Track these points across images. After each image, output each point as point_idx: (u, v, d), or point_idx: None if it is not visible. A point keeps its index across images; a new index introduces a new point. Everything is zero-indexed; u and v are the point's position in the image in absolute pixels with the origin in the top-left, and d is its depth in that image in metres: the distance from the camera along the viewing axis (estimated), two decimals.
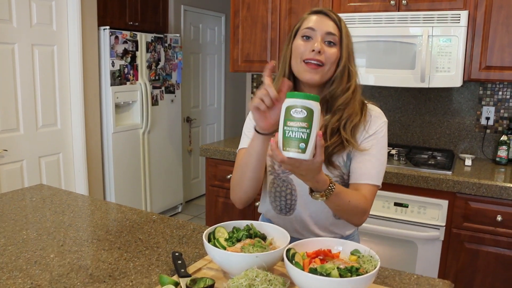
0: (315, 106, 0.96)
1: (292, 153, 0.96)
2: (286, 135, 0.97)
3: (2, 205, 1.71)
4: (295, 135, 0.96)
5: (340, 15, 1.32)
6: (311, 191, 1.12)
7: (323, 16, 1.27)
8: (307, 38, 1.25)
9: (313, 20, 1.26)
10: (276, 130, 1.01)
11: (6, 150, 2.99)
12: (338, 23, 1.26)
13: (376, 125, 1.30)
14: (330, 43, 1.25)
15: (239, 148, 1.40)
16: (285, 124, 0.97)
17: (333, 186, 1.10)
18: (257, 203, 2.66)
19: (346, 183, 1.31)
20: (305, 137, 0.96)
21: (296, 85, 1.33)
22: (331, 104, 1.28)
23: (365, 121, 1.30)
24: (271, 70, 1.08)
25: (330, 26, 1.25)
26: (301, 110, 0.95)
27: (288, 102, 0.98)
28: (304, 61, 1.24)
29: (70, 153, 3.48)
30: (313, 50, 1.22)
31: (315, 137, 0.97)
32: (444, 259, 2.31)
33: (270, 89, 1.06)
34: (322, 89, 1.30)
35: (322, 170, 1.06)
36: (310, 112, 0.96)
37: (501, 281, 2.20)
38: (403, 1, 2.48)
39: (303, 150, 0.96)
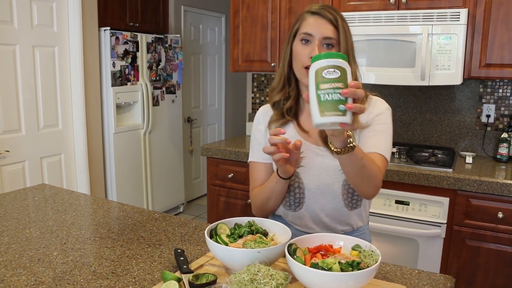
0: (347, 64, 0.91)
1: (333, 117, 0.89)
2: (322, 99, 0.89)
3: (5, 205, 1.72)
4: (332, 97, 0.88)
5: None
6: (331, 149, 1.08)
7: (320, 18, 1.27)
8: (306, 41, 1.28)
9: (310, 24, 1.28)
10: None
11: (8, 151, 3.00)
12: (336, 23, 1.27)
13: (378, 109, 1.33)
14: (329, 46, 1.27)
15: (250, 160, 1.45)
16: (318, 89, 0.90)
17: (353, 143, 1.05)
18: None
19: None
20: (344, 98, 0.88)
21: (297, 84, 1.37)
22: None
23: (366, 103, 1.34)
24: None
25: (328, 30, 1.26)
26: (334, 70, 0.88)
27: (316, 65, 0.90)
28: (305, 67, 1.27)
29: (72, 154, 3.49)
30: (311, 57, 1.24)
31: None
32: (446, 256, 2.32)
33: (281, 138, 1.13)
34: None
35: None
36: (343, 71, 0.89)
37: (503, 278, 2.20)
38: (402, 0, 2.48)
39: (344, 112, 0.89)
